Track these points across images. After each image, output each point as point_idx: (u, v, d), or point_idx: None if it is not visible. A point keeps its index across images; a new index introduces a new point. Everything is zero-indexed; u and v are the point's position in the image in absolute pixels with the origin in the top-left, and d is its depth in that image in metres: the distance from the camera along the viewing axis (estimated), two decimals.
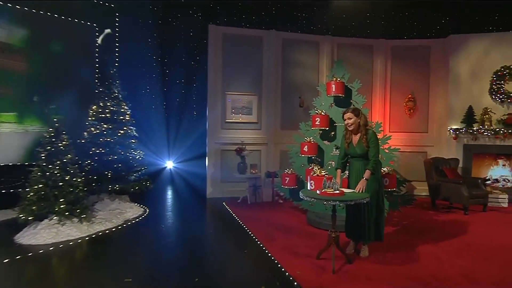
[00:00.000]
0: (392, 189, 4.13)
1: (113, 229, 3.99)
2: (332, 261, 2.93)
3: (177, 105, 7.72)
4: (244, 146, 5.78)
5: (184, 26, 7.09)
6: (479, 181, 5.58)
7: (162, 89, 7.54)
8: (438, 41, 6.68)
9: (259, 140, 6.38)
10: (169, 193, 6.69)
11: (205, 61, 6.46)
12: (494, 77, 6.23)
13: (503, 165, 6.46)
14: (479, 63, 6.34)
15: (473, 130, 6.18)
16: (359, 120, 3.09)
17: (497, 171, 6.51)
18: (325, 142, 4.60)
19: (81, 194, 3.88)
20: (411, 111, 6.82)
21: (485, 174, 6.49)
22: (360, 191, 2.97)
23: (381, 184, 3.22)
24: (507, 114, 6.14)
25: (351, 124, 3.12)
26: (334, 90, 4.30)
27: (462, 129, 6.25)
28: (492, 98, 6.30)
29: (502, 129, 6.07)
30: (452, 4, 6.50)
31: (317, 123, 4.39)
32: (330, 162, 4.53)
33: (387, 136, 4.24)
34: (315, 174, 3.25)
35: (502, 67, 6.18)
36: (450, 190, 5.42)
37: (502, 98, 6.20)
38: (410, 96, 6.82)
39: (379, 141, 3.23)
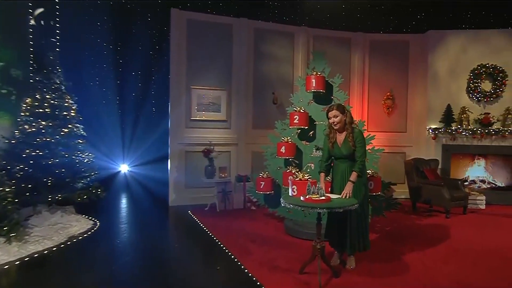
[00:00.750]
0: (377, 193, 4.15)
1: (54, 249, 3.62)
2: (318, 275, 2.86)
3: (134, 100, 7.37)
4: (212, 147, 5.62)
5: (141, 9, 6.75)
6: (459, 182, 5.84)
7: (115, 81, 7.14)
8: (417, 36, 6.95)
9: (229, 140, 6.27)
10: (125, 202, 6.35)
11: (167, 50, 6.19)
12: (471, 75, 6.60)
13: (479, 166, 6.87)
14: (457, 60, 6.67)
15: (452, 130, 6.49)
16: (345, 118, 3.08)
17: (474, 172, 6.91)
18: (304, 142, 4.57)
19: (9, 207, 3.49)
20: (390, 109, 7.04)
21: (462, 175, 6.87)
22: (346, 196, 2.96)
23: (367, 188, 3.24)
24: (483, 114, 6.54)
25: (337, 123, 3.10)
26: (314, 85, 4.27)
27: (441, 128, 6.54)
28: (469, 97, 6.66)
29: (479, 129, 6.44)
30: None
31: (295, 121, 4.33)
32: (309, 164, 4.51)
33: (370, 135, 4.26)
34: (298, 178, 3.16)
35: (478, 65, 6.56)
36: (431, 193, 5.61)
37: (478, 97, 6.58)
38: (389, 93, 7.03)
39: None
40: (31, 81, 4.83)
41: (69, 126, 4.91)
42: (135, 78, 7.22)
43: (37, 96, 4.73)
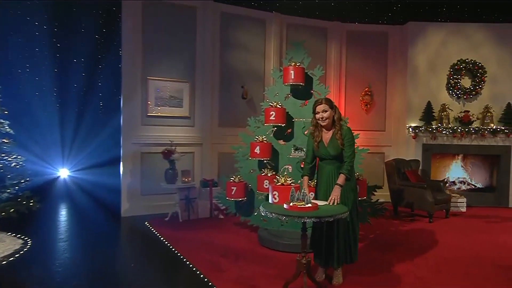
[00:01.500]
0: (362, 198, 4.14)
1: None
2: None
3: (76, 92, 6.88)
4: (173, 148, 5.35)
5: None
6: (441, 184, 6.03)
7: (51, 69, 6.60)
8: (396, 28, 7.12)
9: (192, 139, 6.07)
10: (66, 214, 5.89)
11: (117, 34, 5.80)
12: (451, 71, 6.87)
13: (459, 166, 7.19)
14: (437, 54, 6.92)
15: (432, 129, 6.71)
16: (333, 114, 3.05)
17: (453, 173, 7.21)
18: (280, 141, 4.47)
19: None
20: (368, 106, 7.15)
21: (443, 176, 7.13)
22: (333, 203, 2.91)
23: (356, 193, 3.19)
24: (463, 112, 6.83)
25: (326, 118, 3.04)
26: (292, 77, 4.16)
27: (421, 127, 6.74)
28: (449, 93, 6.95)
29: (459, 128, 6.71)
30: None
31: (271, 118, 4.21)
32: (287, 167, 4.42)
33: (354, 134, 4.23)
34: (279, 183, 3.01)
35: (458, 61, 6.85)
36: (413, 196, 5.74)
37: (458, 94, 6.88)
38: (367, 89, 7.15)
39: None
40: None
41: None
42: (78, 66, 6.73)
43: None
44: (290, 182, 3.05)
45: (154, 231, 4.83)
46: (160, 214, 5.56)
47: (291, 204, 2.73)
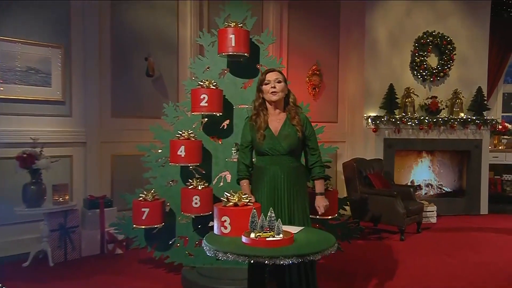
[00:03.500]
0: (333, 217, 4.02)
1: None
2: None
3: None
4: (39, 150, 4.71)
5: None
6: (411, 190, 6.21)
7: None
8: None
9: (69, 136, 5.51)
10: None
11: None
12: (416, 46, 7.17)
13: (425, 165, 7.57)
14: (400, 25, 7.16)
15: (396, 119, 6.90)
16: (287, 91, 3.15)
17: (419, 174, 7.55)
18: (214, 138, 4.22)
19: None
20: (316, 90, 7.12)
21: (407, 178, 7.41)
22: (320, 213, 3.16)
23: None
24: (430, 98, 7.16)
25: (279, 91, 3.06)
26: (232, 44, 3.87)
27: (383, 117, 6.89)
28: (413, 74, 7.25)
29: (426, 118, 7.02)
30: None
31: (202, 104, 3.86)
32: (224, 175, 4.20)
33: (318, 126, 4.06)
34: (230, 203, 2.68)
35: (424, 33, 7.18)
36: (380, 207, 5.80)
37: (424, 75, 7.20)
38: (314, 67, 7.11)
39: None
40: None
41: None
42: None
43: None
44: (248, 201, 2.75)
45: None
46: (15, 257, 4.85)
47: (253, 236, 2.45)
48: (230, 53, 3.92)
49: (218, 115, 4.01)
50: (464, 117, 7.18)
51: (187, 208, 3.91)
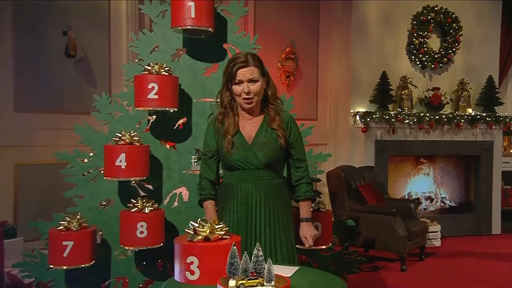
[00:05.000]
0: (327, 246, 3.89)
1: None
2: None
3: None
4: None
5: None
6: (412, 206, 6.16)
7: None
8: None
9: None
10: None
11: None
12: (414, 24, 7.18)
13: (425, 174, 7.58)
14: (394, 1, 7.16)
15: (390, 116, 6.86)
16: (265, 85, 2.94)
17: (417, 184, 7.54)
18: (166, 143, 4.05)
19: None
20: (291, 78, 7.01)
21: (402, 190, 7.39)
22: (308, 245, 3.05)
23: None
24: (431, 89, 7.15)
25: (255, 94, 2.86)
26: (192, 15, 3.67)
27: (374, 114, 6.84)
28: (411, 60, 7.24)
29: (427, 114, 7.01)
30: None
31: (151, 95, 3.65)
32: (179, 191, 4.02)
33: (304, 127, 4.15)
34: (199, 238, 2.43)
35: (424, 8, 7.17)
36: (375, 228, 5.70)
37: (424, 61, 7.20)
38: (288, 49, 6.98)
39: None
40: None
41: None
42: None
43: None
44: (223, 233, 2.50)
45: None
46: None
47: (233, 285, 2.21)
48: (188, 27, 3.72)
49: (171, 111, 3.82)
50: (473, 114, 7.22)
51: (128, 238, 3.68)
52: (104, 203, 3.99)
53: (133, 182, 3.89)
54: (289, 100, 4.07)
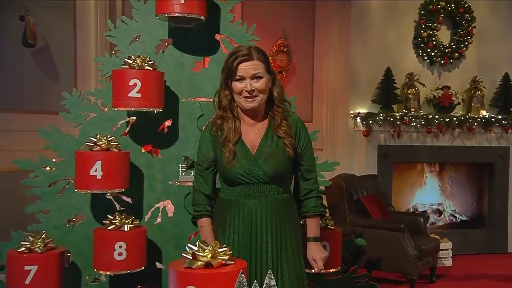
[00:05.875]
0: (336, 270, 3.85)
1: None
2: None
3: None
4: None
5: None
6: (422, 220, 6.15)
7: None
8: None
9: None
10: None
11: None
12: (422, 15, 7.19)
13: (433, 184, 7.59)
14: None
15: (395, 118, 6.87)
16: (270, 85, 2.91)
17: (424, 195, 7.57)
18: (148, 149, 4.03)
19: None
20: (283, 74, 7.00)
21: (408, 202, 7.41)
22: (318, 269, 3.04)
23: None
24: (440, 88, 7.18)
25: (260, 93, 2.81)
26: (181, 1, 3.65)
27: (377, 115, 6.85)
28: (418, 55, 7.27)
29: (436, 116, 7.03)
30: None
31: (132, 94, 3.62)
32: (162, 205, 4.00)
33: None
34: (199, 264, 2.33)
35: None
36: (380, 245, 5.67)
37: (433, 56, 7.22)
38: (280, 41, 6.99)
39: None
40: None
41: None
42: None
43: None
44: (227, 258, 2.40)
45: None
46: None
47: None
48: (176, 14, 3.69)
49: (155, 111, 3.78)
50: (487, 116, 7.24)
51: (104, 261, 3.61)
52: (74, 219, 3.94)
53: (109, 194, 3.85)
54: (292, 99, 4.01)
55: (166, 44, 3.98)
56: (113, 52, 4.01)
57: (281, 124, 2.86)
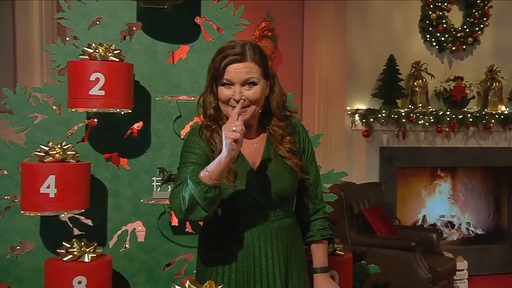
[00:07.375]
0: None
1: None
2: None
3: None
4: None
5: None
6: (435, 236, 6.14)
7: None
8: None
9: None
10: None
11: None
12: None
13: (443, 192, 7.56)
14: None
15: (400, 115, 6.84)
16: (267, 92, 2.81)
17: (434, 206, 7.56)
18: (113, 158, 3.98)
19: None
20: (269, 64, 6.85)
21: (414, 214, 7.38)
22: None
23: None
24: (452, 79, 7.13)
25: (254, 102, 2.69)
26: None
27: (379, 111, 6.83)
28: (426, 40, 7.24)
29: (447, 113, 7.00)
30: None
31: (95, 91, 3.52)
32: (131, 227, 3.92)
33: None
34: None
35: None
36: (387, 267, 5.52)
37: (443, 41, 7.19)
38: (264, 24, 7.01)
39: None
40: None
41: None
42: None
43: None
44: None
45: None
46: None
47: None
48: None
49: (123, 113, 3.68)
50: (506, 112, 7.24)
51: None
52: (18, 248, 3.86)
53: (63, 216, 3.74)
54: (289, 96, 3.85)
55: (134, 29, 3.91)
56: (67, 38, 3.89)
57: (283, 141, 2.78)
